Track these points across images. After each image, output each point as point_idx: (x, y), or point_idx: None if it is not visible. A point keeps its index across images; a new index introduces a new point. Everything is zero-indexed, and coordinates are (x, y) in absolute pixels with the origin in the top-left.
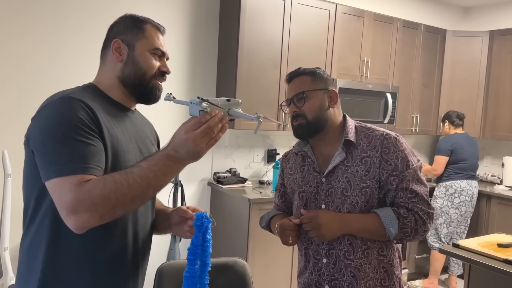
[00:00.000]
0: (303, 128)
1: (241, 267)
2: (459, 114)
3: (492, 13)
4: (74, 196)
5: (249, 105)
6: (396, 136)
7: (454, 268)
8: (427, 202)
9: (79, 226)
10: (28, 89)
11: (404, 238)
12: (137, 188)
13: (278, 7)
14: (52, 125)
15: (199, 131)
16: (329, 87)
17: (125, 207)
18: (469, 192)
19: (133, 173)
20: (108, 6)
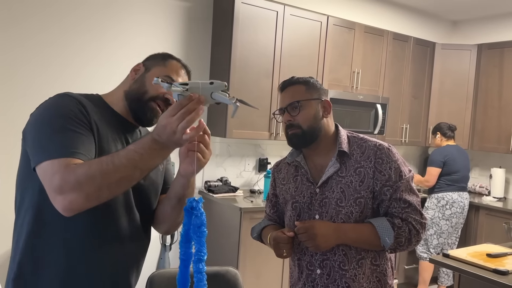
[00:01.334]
0: (298, 138)
1: (232, 276)
2: (451, 126)
3: (480, 27)
4: (60, 176)
5: (242, 113)
6: (388, 146)
7: (444, 279)
8: (419, 212)
9: (66, 206)
10: (15, 100)
11: (398, 247)
12: (123, 169)
13: (270, 17)
14: (45, 116)
15: (175, 117)
16: (323, 96)
17: (111, 188)
18: (460, 204)
19: (119, 155)
20: (101, 20)
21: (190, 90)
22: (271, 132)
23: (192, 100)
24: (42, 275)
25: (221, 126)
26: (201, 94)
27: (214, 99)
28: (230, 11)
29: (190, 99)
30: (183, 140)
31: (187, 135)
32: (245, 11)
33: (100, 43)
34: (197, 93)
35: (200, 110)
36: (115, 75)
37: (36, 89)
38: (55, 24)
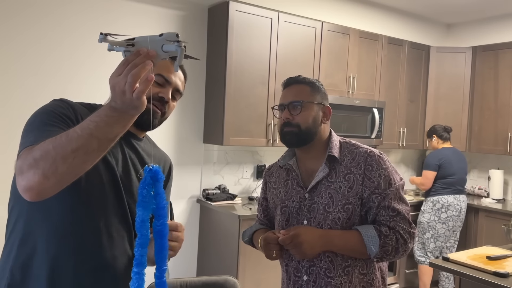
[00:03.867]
0: (292, 136)
1: (231, 285)
2: (446, 127)
3: (474, 29)
4: (20, 158)
5: (238, 121)
6: (379, 154)
7: (445, 283)
8: (408, 221)
9: (25, 186)
10: (15, 108)
11: (385, 256)
12: (76, 139)
13: (265, 25)
14: (32, 116)
15: (122, 76)
16: (325, 102)
17: (67, 161)
18: (457, 207)
19: (74, 127)
20: (97, 30)
21: (138, 45)
22: (268, 139)
23: (140, 55)
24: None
25: (218, 134)
26: (151, 48)
27: (166, 52)
28: (225, 19)
29: (137, 54)
30: (136, 100)
31: (138, 93)
32: (240, 19)
33: (94, 53)
34: (145, 47)
35: (148, 64)
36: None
37: (28, 93)
38: (50, 30)
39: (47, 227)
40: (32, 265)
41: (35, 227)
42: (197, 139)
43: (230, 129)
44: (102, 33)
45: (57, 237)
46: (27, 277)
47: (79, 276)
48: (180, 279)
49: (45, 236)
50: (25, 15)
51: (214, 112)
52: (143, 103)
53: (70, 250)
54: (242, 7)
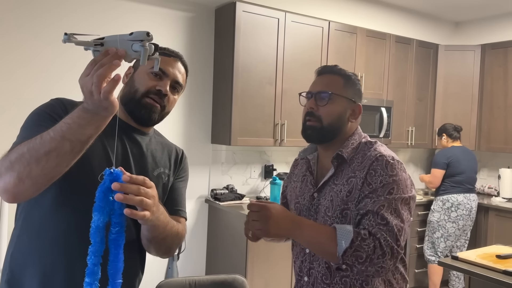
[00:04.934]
0: (314, 131)
1: (240, 284)
2: (456, 126)
3: (483, 27)
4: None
5: (245, 121)
6: (392, 159)
7: (455, 282)
8: (396, 237)
9: (2, 189)
10: (22, 112)
11: (355, 264)
12: (49, 142)
13: (272, 25)
14: (28, 116)
15: (89, 76)
16: (357, 99)
17: (40, 163)
18: (467, 206)
19: (49, 130)
20: (107, 33)
21: (107, 44)
22: (275, 139)
23: (108, 55)
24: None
25: (226, 134)
26: (120, 47)
27: (136, 51)
28: (232, 20)
29: (106, 54)
30: (103, 100)
31: (105, 93)
32: (247, 19)
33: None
34: (115, 47)
35: (114, 64)
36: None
37: (33, 94)
38: (54, 35)
39: (40, 225)
40: (26, 263)
41: (30, 225)
42: (205, 139)
43: (238, 129)
44: (66, 34)
45: (49, 235)
46: (22, 274)
47: (71, 275)
48: (189, 278)
49: (38, 234)
50: (42, 18)
51: (222, 112)
52: (112, 103)
53: (62, 248)
54: (249, 8)
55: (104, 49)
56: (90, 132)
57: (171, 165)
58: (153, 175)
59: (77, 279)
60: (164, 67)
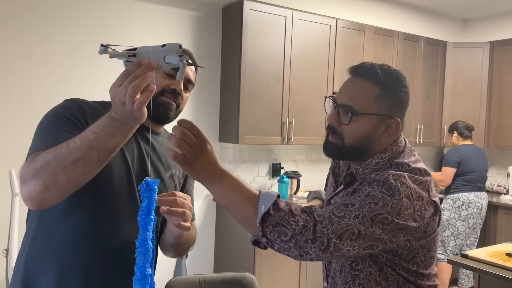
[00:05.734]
0: (336, 149)
1: (249, 281)
2: (469, 126)
3: (491, 24)
4: (24, 167)
5: (253, 120)
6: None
7: (464, 280)
8: (340, 234)
9: (26, 196)
10: (33, 110)
11: (277, 241)
12: (76, 151)
13: (279, 23)
14: (43, 118)
15: (122, 87)
16: (395, 113)
17: (67, 172)
18: (478, 204)
19: (75, 138)
20: (115, 32)
21: (139, 55)
22: (283, 137)
23: (141, 66)
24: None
25: (233, 133)
26: (152, 59)
27: (168, 64)
28: (239, 19)
29: (139, 65)
30: (136, 111)
31: (139, 104)
32: (254, 17)
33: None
34: (147, 58)
35: (149, 76)
36: None
37: (42, 96)
38: (68, 37)
39: (57, 226)
40: (43, 263)
41: (46, 226)
42: (212, 138)
43: (245, 127)
44: (102, 45)
45: (66, 237)
46: (39, 275)
47: (87, 275)
48: (199, 275)
49: (55, 235)
50: (46, 19)
51: (229, 111)
52: (143, 114)
53: (79, 250)
54: (256, 6)
55: (137, 60)
56: (117, 141)
57: None
58: (166, 177)
59: (93, 280)
60: None
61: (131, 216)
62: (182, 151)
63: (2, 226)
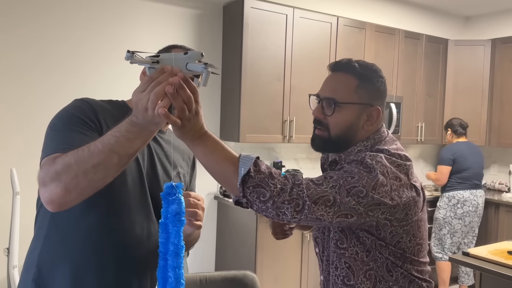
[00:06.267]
0: (323, 142)
1: (250, 280)
2: (463, 123)
3: (493, 21)
4: (43, 169)
5: (254, 118)
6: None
7: (464, 278)
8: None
9: (47, 199)
10: (36, 109)
11: (256, 202)
12: (98, 154)
13: (280, 21)
14: (54, 119)
15: (145, 92)
16: (374, 101)
17: (88, 175)
18: (473, 202)
19: (96, 141)
20: (116, 30)
21: (162, 62)
22: (284, 135)
23: (164, 73)
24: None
25: (234, 131)
26: (175, 66)
27: (190, 71)
28: (240, 17)
29: (162, 72)
30: (157, 116)
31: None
32: (255, 16)
33: (110, 53)
34: (170, 65)
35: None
36: (123, 81)
37: (46, 93)
38: (69, 36)
39: (71, 226)
40: (57, 263)
41: (59, 226)
42: None
43: (246, 126)
44: (129, 51)
45: (80, 236)
46: (52, 274)
47: (103, 274)
48: (200, 274)
49: (69, 234)
50: (48, 16)
51: (230, 109)
52: (164, 119)
53: (93, 248)
54: (257, 4)
55: (160, 66)
56: (138, 145)
57: (188, 164)
58: (173, 175)
59: (108, 278)
60: None
61: (143, 215)
62: (181, 114)
63: (3, 225)
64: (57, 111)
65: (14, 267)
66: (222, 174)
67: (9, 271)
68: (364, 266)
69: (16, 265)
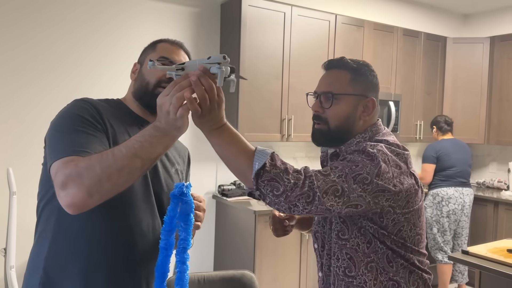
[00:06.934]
0: (323, 135)
1: (248, 279)
2: (447, 119)
3: (492, 19)
4: (63, 172)
5: (252, 117)
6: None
7: (458, 277)
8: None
9: (68, 202)
10: (32, 108)
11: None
12: (122, 159)
13: (278, 19)
14: (59, 120)
15: (169, 96)
16: (369, 93)
17: (112, 179)
18: (459, 200)
19: (120, 145)
20: (112, 29)
21: (187, 69)
22: (282, 134)
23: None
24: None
25: None
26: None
27: (213, 73)
28: (238, 15)
29: (186, 77)
30: (179, 120)
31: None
32: (253, 14)
33: (106, 52)
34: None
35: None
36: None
37: (42, 92)
38: (65, 33)
39: (78, 227)
40: (65, 265)
41: (66, 227)
42: None
43: (245, 124)
44: (151, 60)
45: (88, 237)
46: (61, 276)
47: (112, 273)
48: (198, 274)
49: (77, 236)
50: (42, 15)
51: (228, 107)
52: (185, 123)
53: (103, 248)
54: (255, 2)
55: (185, 73)
56: (160, 150)
57: (184, 161)
58: (172, 172)
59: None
60: (170, 55)
61: (148, 212)
62: (202, 103)
63: (0, 225)
64: (52, 110)
65: (11, 268)
66: (236, 166)
67: (6, 272)
68: (365, 258)
69: (13, 266)
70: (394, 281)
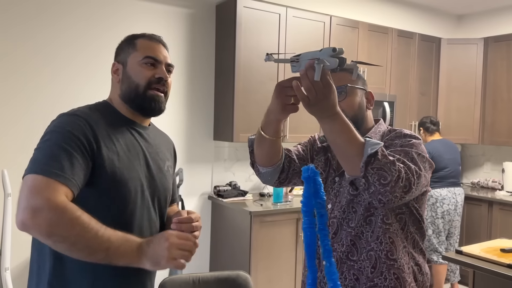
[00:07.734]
0: None
1: (243, 280)
2: (433, 119)
3: (485, 20)
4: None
5: (247, 118)
6: (409, 133)
7: (450, 277)
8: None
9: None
10: (27, 109)
11: (374, 183)
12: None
13: (273, 20)
14: (47, 133)
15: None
16: (366, 87)
17: (75, 246)
18: (452, 200)
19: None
20: (106, 29)
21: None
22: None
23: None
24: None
25: (228, 131)
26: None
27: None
28: (233, 16)
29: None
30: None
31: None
32: (248, 15)
33: (99, 53)
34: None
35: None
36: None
37: (36, 94)
38: (55, 34)
39: None
40: (72, 275)
41: None
42: (207, 136)
43: (240, 125)
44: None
45: None
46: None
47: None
48: (193, 275)
49: None
50: (36, 17)
51: (224, 109)
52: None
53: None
54: (250, 3)
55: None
56: (126, 263)
57: (171, 155)
58: (165, 169)
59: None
60: (155, 54)
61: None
62: (309, 94)
63: None
64: (46, 112)
65: (6, 269)
66: (345, 152)
67: (1, 273)
68: (402, 243)
69: (8, 268)
70: (419, 265)
